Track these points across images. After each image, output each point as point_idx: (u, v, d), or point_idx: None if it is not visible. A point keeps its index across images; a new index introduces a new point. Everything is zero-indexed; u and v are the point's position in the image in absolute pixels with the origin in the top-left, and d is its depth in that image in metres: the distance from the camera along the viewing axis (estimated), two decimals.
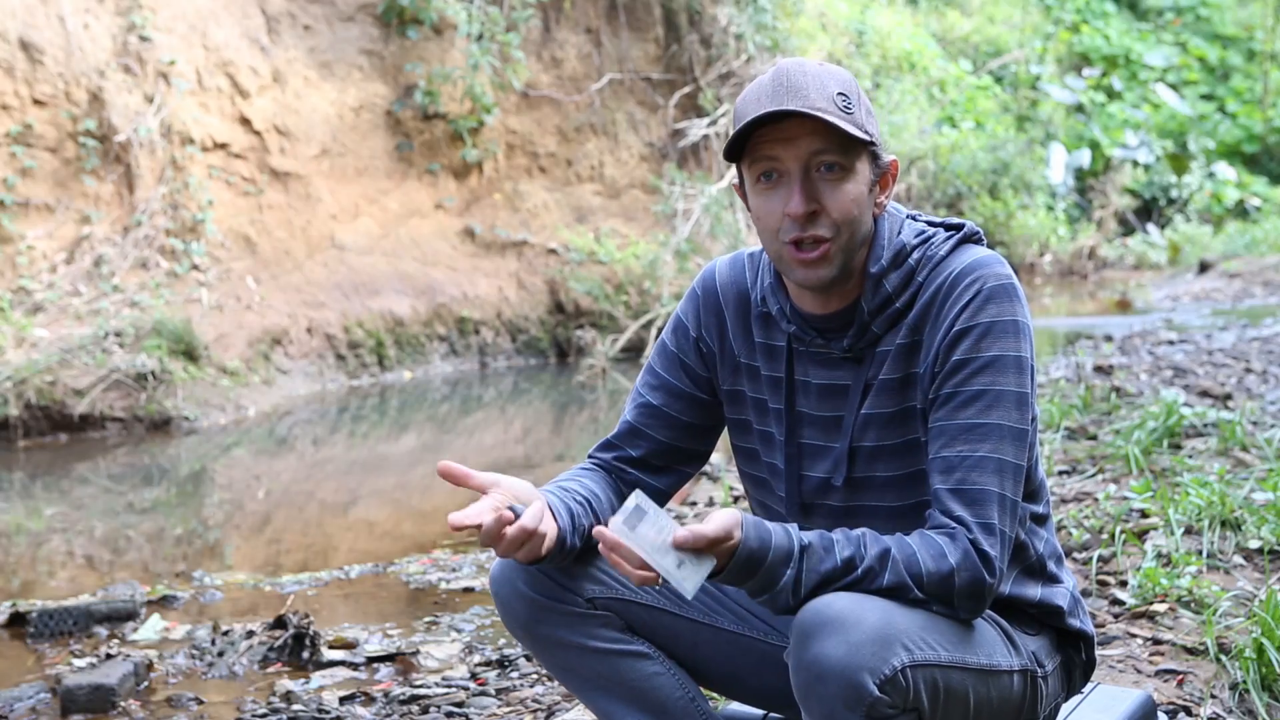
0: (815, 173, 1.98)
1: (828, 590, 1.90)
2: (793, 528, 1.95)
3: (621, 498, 2.18)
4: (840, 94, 1.97)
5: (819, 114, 1.93)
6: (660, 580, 1.87)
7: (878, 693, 1.81)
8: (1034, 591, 2.12)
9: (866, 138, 1.97)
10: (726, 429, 2.27)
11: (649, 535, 1.85)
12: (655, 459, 2.23)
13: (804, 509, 2.16)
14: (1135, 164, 20.34)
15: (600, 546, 1.88)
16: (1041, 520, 2.15)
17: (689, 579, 1.85)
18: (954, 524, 1.93)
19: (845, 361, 2.09)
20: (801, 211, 1.96)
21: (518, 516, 1.96)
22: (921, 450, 2.04)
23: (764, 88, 1.98)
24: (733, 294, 2.19)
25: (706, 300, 2.22)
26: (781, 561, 1.90)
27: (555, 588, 2.12)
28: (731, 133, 1.99)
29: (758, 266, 2.18)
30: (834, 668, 1.80)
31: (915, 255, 2.05)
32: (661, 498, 2.24)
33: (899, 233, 2.07)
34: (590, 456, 2.27)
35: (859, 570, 1.90)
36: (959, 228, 2.09)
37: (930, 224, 2.11)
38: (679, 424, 2.23)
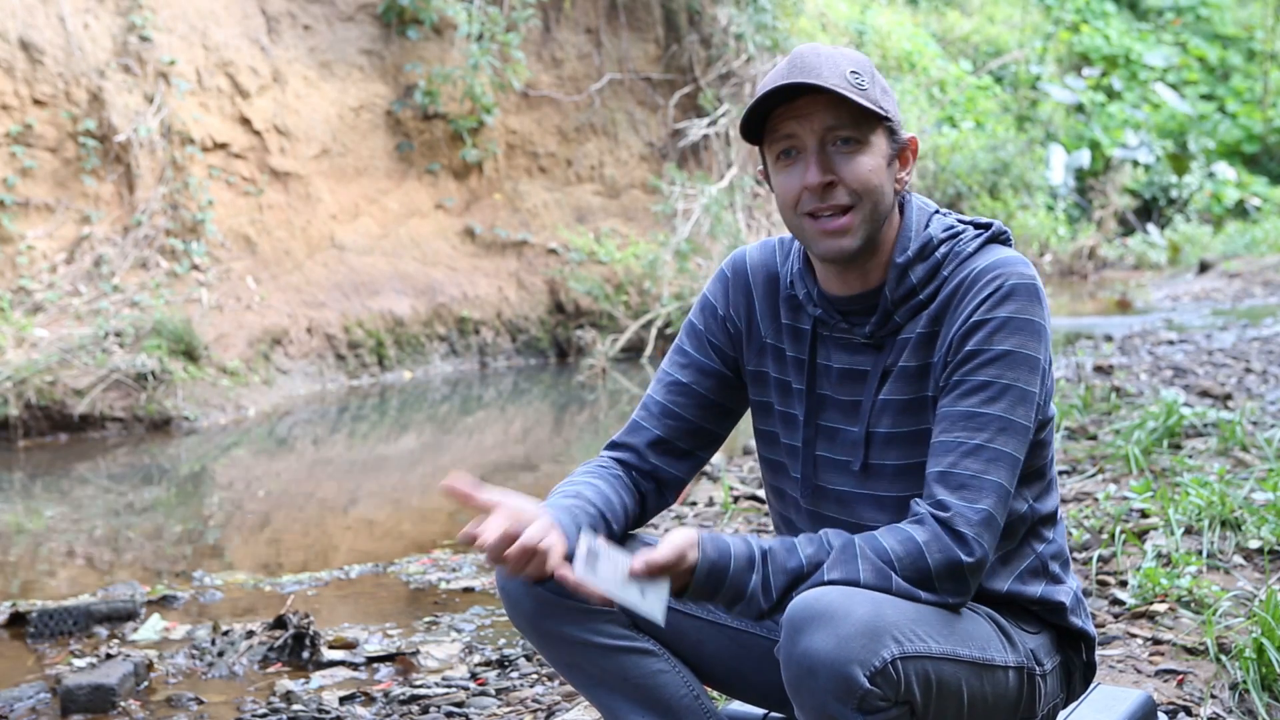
0: (831, 146, 2.02)
1: (802, 589, 1.91)
2: (753, 537, 1.99)
3: (633, 495, 2.21)
4: (853, 71, 2.01)
5: (831, 87, 1.97)
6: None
7: (868, 685, 1.81)
8: (1034, 589, 2.13)
9: (880, 112, 2.01)
10: (750, 413, 2.29)
11: (607, 572, 1.92)
12: (681, 440, 2.24)
13: (816, 492, 2.17)
14: (1135, 164, 20.33)
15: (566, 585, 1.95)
16: (1049, 522, 2.16)
17: (654, 606, 1.92)
18: (928, 509, 1.94)
19: (866, 347, 2.11)
20: (817, 182, 2.00)
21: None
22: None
23: (780, 70, 2.03)
24: (762, 276, 2.22)
25: (736, 280, 2.24)
26: (745, 569, 1.94)
27: None
28: (747, 108, 2.03)
29: (788, 252, 2.21)
30: (824, 660, 1.81)
31: (942, 249, 2.08)
32: (678, 486, 2.26)
33: (927, 226, 2.10)
34: (612, 445, 2.26)
35: (826, 562, 1.92)
36: (987, 226, 2.12)
37: (960, 221, 2.13)
38: (707, 402, 2.24)
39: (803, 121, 2.01)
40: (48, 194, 9.64)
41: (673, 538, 1.95)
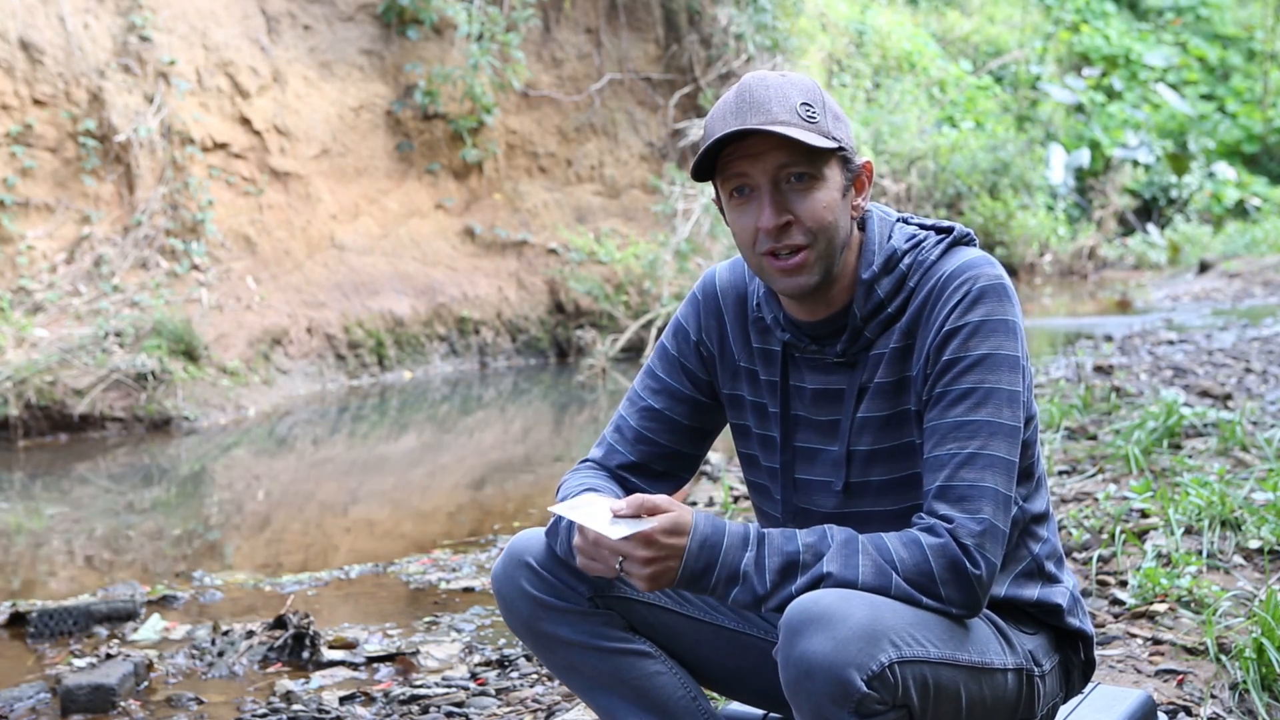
0: (785, 184, 1.99)
1: (800, 578, 1.90)
2: (753, 525, 1.98)
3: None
4: (804, 104, 1.98)
5: (779, 128, 1.94)
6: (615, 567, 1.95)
7: (866, 689, 1.80)
8: (1031, 591, 2.12)
9: (833, 145, 1.98)
10: (730, 432, 2.28)
11: (585, 510, 1.95)
12: (656, 463, 2.23)
13: (799, 514, 2.16)
14: (1135, 164, 20.33)
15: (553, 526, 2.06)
16: (1041, 520, 2.15)
17: (614, 529, 1.90)
18: (935, 520, 1.93)
19: (839, 366, 2.10)
20: (773, 224, 1.98)
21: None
22: (917, 453, 2.05)
23: (728, 105, 2.00)
24: (732, 298, 2.21)
25: (707, 304, 2.23)
26: (738, 545, 1.93)
27: (558, 586, 2.12)
28: (699, 152, 2.00)
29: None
30: (821, 664, 1.80)
31: (907, 260, 2.06)
32: None
33: (890, 238, 2.08)
34: (590, 462, 2.25)
35: (827, 553, 1.90)
36: (949, 230, 2.09)
37: (921, 227, 2.11)
38: (680, 427, 2.23)
39: (754, 161, 1.98)
40: (48, 194, 9.64)
41: (664, 496, 1.97)
